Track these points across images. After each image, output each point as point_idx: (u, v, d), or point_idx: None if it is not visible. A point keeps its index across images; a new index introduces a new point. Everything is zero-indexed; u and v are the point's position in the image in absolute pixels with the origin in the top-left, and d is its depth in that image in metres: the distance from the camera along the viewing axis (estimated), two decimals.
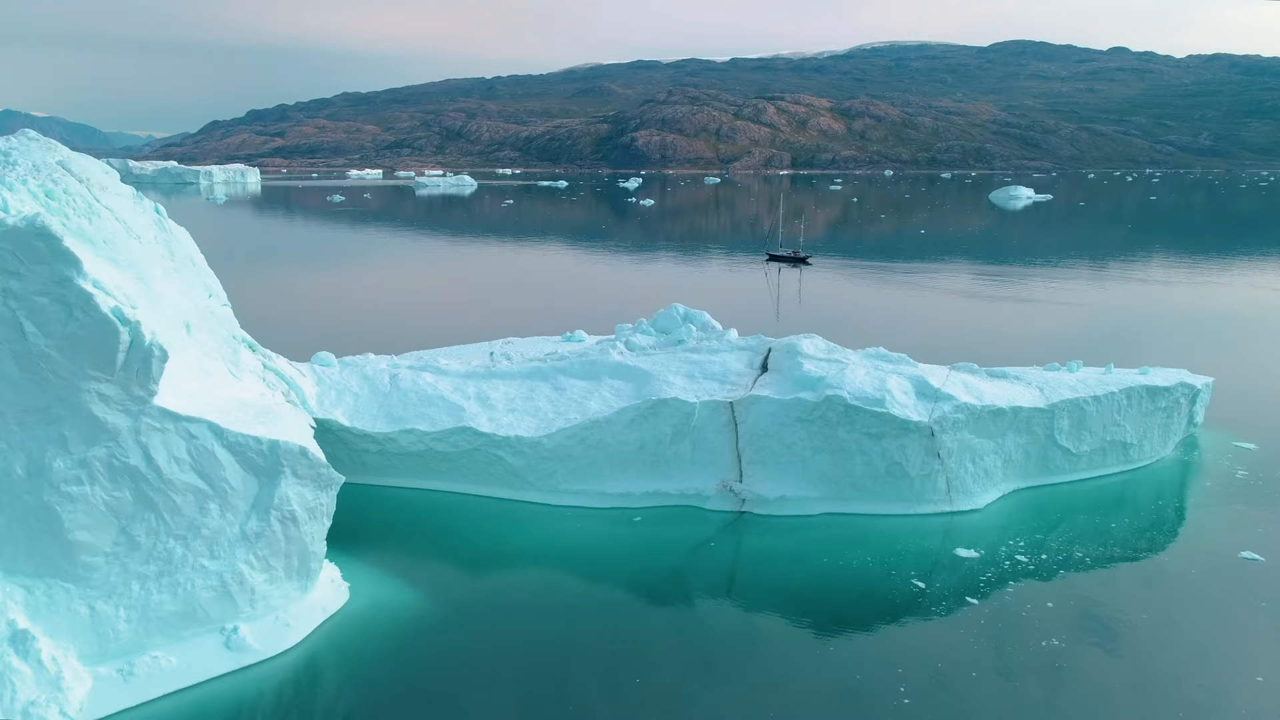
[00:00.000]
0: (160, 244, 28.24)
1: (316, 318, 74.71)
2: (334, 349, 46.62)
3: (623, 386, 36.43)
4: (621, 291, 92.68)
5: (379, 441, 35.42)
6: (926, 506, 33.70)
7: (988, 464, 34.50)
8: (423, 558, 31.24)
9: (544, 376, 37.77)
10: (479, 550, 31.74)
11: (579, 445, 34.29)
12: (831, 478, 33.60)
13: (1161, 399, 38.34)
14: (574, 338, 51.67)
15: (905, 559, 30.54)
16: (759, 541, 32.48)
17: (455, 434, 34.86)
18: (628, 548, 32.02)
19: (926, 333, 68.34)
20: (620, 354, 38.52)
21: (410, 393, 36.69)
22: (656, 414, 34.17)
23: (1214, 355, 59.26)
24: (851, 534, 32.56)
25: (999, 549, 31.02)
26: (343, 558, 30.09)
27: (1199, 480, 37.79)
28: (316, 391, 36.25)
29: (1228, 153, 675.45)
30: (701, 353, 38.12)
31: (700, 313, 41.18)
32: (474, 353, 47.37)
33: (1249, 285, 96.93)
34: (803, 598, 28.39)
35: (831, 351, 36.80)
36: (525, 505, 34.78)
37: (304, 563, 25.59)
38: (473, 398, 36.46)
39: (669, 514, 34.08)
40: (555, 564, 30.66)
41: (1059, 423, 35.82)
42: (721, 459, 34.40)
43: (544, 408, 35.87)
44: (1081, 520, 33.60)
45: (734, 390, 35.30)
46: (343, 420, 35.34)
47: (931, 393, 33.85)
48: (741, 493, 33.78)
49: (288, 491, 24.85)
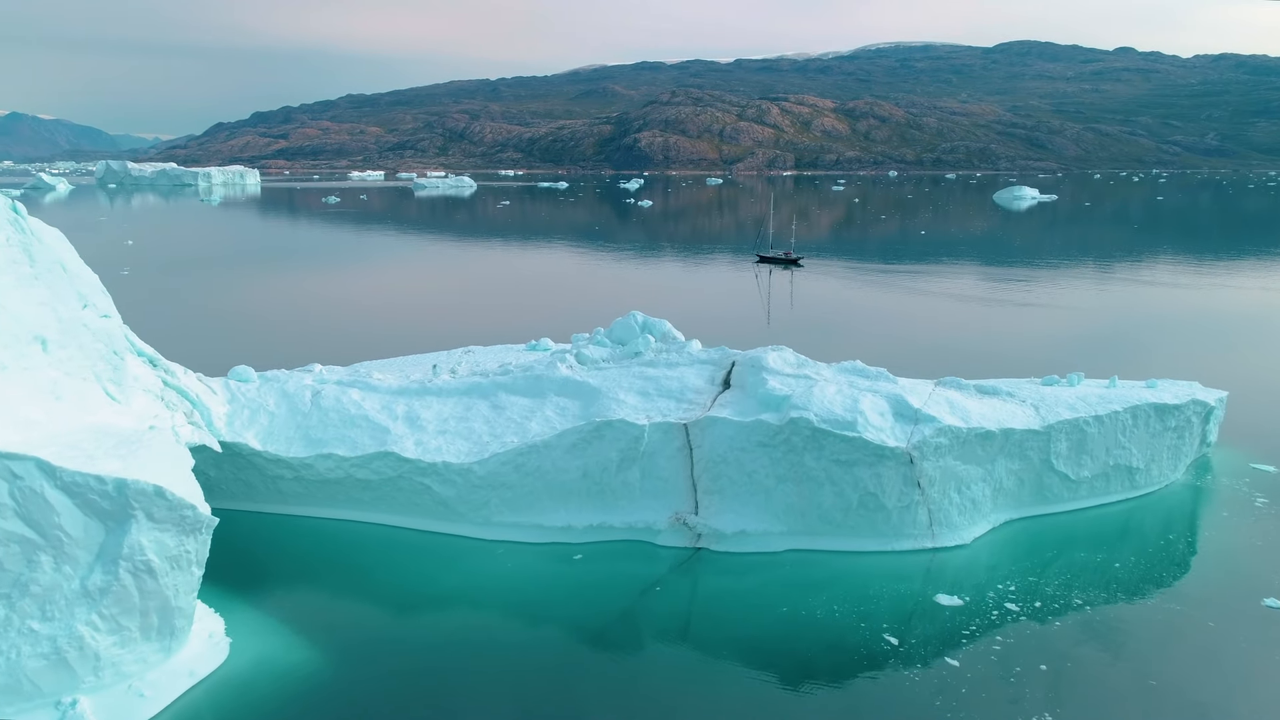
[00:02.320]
0: (16, 247, 24.51)
1: (265, 325, 70.46)
2: (279, 360, 43.11)
3: (569, 405, 32.63)
4: (599, 296, 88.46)
5: (294, 467, 31.69)
6: (905, 542, 29.82)
7: (975, 493, 30.62)
8: (333, 600, 27.53)
9: (483, 393, 33.98)
10: (399, 591, 28.01)
11: (514, 472, 30.49)
12: (797, 510, 29.74)
13: (1171, 418, 34.41)
14: (538, 346, 47.94)
15: (879, 605, 26.69)
16: (715, 582, 28.68)
17: (376, 459, 31.10)
18: (568, 588, 28.28)
19: (918, 340, 64.42)
20: (569, 368, 34.72)
21: (332, 412, 32.94)
22: (601, 437, 30.36)
23: (1227, 365, 55.27)
24: (819, 574, 28.72)
25: (985, 594, 27.13)
26: (237, 604, 26.42)
27: (1213, 510, 33.85)
28: (227, 411, 32.53)
29: (1234, 153, 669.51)
30: (659, 366, 34.29)
31: (660, 321, 37.37)
32: (420, 364, 43.71)
33: (1262, 289, 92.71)
34: (762, 647, 24.68)
35: (801, 366, 32.93)
36: (454, 539, 30.99)
37: (166, 620, 21.83)
38: (401, 418, 32.69)
39: (615, 550, 30.28)
40: (485, 607, 26.97)
41: (1056, 446, 31.92)
42: (674, 488, 30.57)
43: (479, 429, 32.07)
44: (1081, 557, 29.71)
45: (691, 410, 31.47)
46: (254, 443, 31.61)
47: (911, 413, 29.96)
48: (696, 527, 29.95)
49: (140, 539, 21.09)
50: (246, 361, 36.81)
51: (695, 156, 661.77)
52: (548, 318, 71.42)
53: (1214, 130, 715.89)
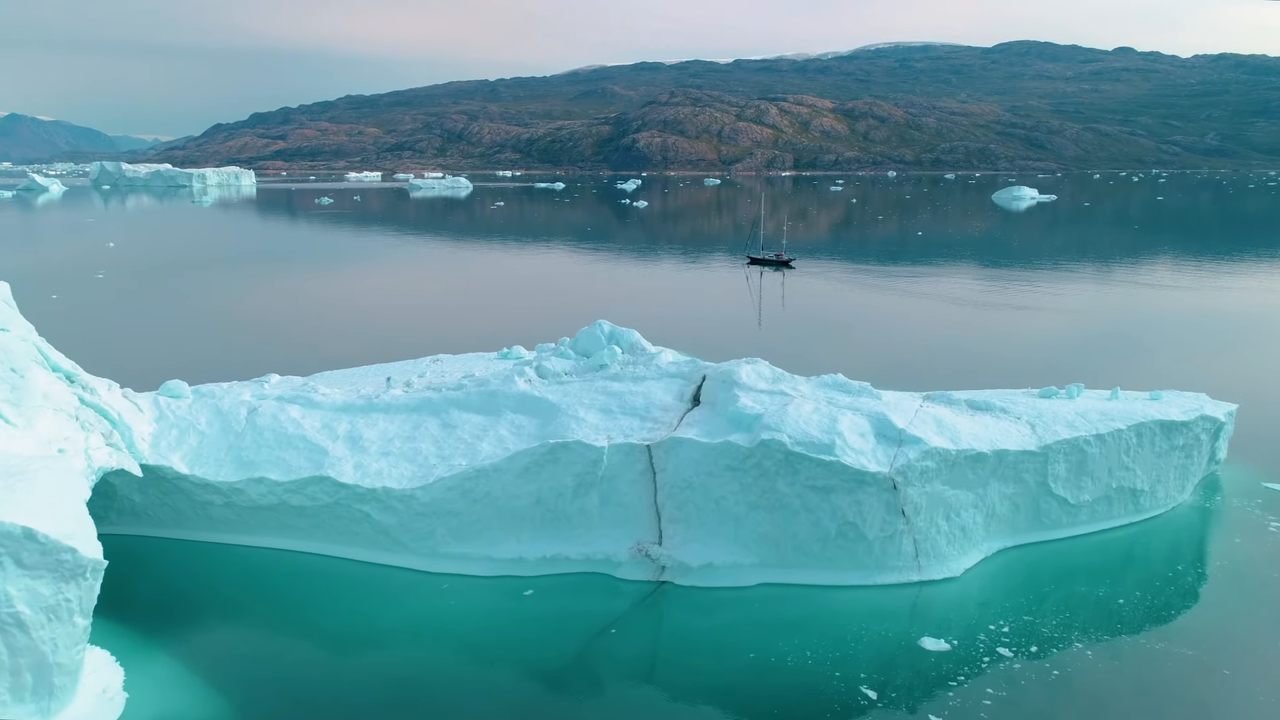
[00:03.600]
0: None
1: (228, 332, 67.20)
2: (238, 370, 40.64)
3: (525, 424, 30.00)
4: (581, 299, 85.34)
5: (223, 492, 29.08)
6: (888, 575, 27.19)
7: (965, 521, 27.99)
8: (258, 641, 24.97)
9: (434, 410, 31.35)
10: (333, 629, 25.44)
11: (461, 499, 27.86)
12: (770, 540, 27.11)
13: (1179, 436, 31.78)
14: (510, 354, 45.45)
15: (858, 648, 24.08)
16: (680, 619, 26.10)
17: (311, 484, 28.48)
18: (520, 626, 25.72)
19: (910, 346, 61.78)
20: (527, 383, 32.09)
21: (267, 432, 30.31)
22: (555, 460, 27.74)
23: (1234, 373, 52.66)
24: (793, 612, 26.10)
25: (975, 636, 24.48)
26: (146, 650, 23.87)
27: (1224, 534, 31.22)
28: (153, 431, 29.93)
29: (1234, 153, 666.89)
30: (624, 381, 31.66)
31: (629, 331, 34.76)
32: (382, 375, 41.13)
33: (1267, 291, 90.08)
34: (730, 694, 22.21)
35: (776, 381, 30.29)
36: (396, 572, 28.35)
37: (42, 679, 19.22)
38: (342, 438, 30.06)
39: (571, 584, 27.65)
40: (429, 646, 24.49)
41: (1054, 468, 29.29)
42: (636, 516, 27.94)
43: (426, 450, 29.44)
44: (1081, 591, 27.08)
45: (656, 429, 28.84)
46: (180, 466, 29.01)
47: (894, 434, 27.33)
48: (660, 558, 27.33)
49: (7, 588, 18.48)
50: (203, 372, 34.40)
51: (694, 157, 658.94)
52: (525, 323, 68.75)
53: (1214, 130, 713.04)
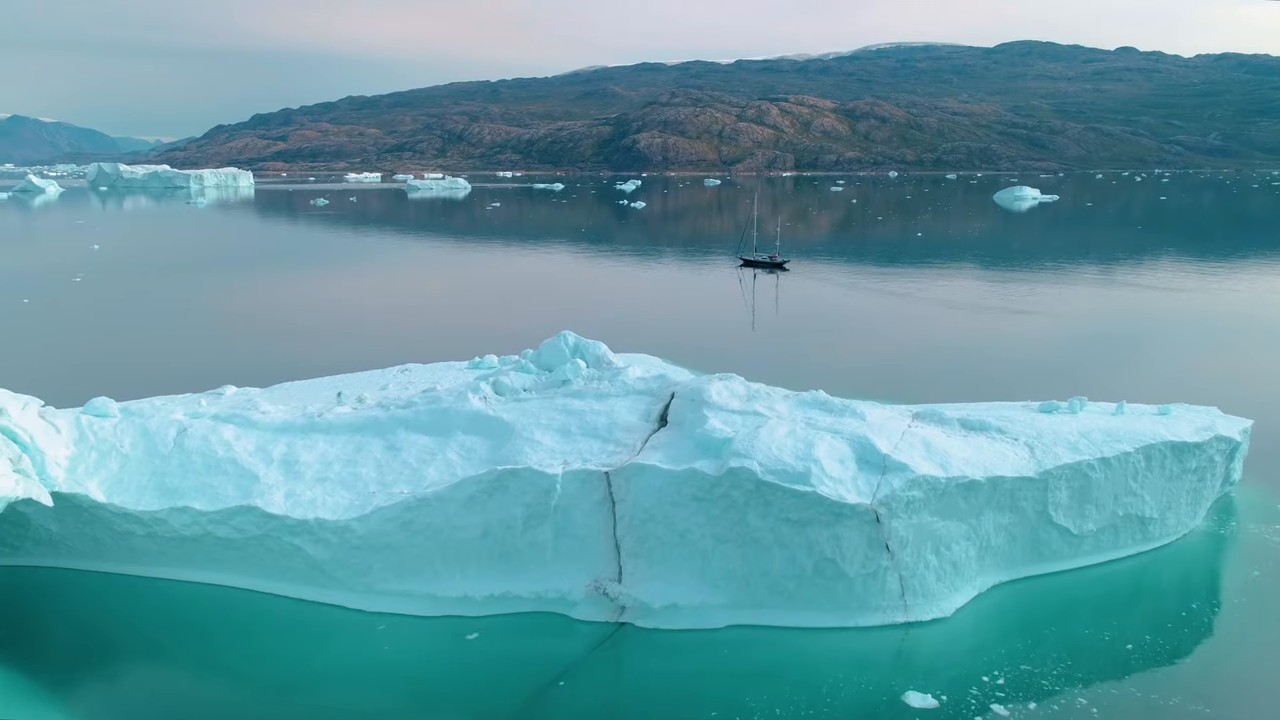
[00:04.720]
0: None
1: (191, 339, 63.90)
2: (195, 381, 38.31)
3: (476, 446, 27.45)
4: (566, 304, 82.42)
5: (145, 522, 26.54)
6: (871, 616, 24.61)
7: (957, 554, 25.41)
8: (182, 682, 22.67)
9: (379, 430, 28.80)
10: (261, 672, 23.05)
11: (401, 531, 25.31)
12: (740, 578, 24.54)
13: (1191, 458, 29.17)
14: (481, 364, 43.07)
15: (836, 700, 21.50)
16: (641, 664, 23.56)
17: (238, 514, 25.93)
18: (465, 671, 23.26)
19: (903, 353, 59.17)
20: (481, 400, 29.54)
21: (196, 455, 27.78)
22: (504, 488, 25.18)
23: (1246, 382, 49.96)
24: (765, 658, 23.52)
25: (967, 689, 21.88)
26: (58, 690, 21.62)
27: (1240, 564, 28.60)
28: (69, 454, 27.40)
29: (1237, 152, 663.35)
30: (586, 398, 29.09)
31: (595, 343, 32.21)
32: (343, 386, 38.68)
33: (1277, 294, 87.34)
34: None
35: (751, 399, 27.71)
36: (330, 610, 25.78)
37: None
38: (276, 462, 27.52)
39: (522, 625, 25.09)
40: (365, 692, 22.12)
41: (1055, 495, 26.69)
42: (593, 550, 25.36)
43: (367, 476, 26.90)
44: (1084, 633, 24.48)
45: (617, 453, 26.28)
46: (97, 494, 26.48)
47: (878, 460, 24.75)
48: (620, 597, 24.77)
49: None
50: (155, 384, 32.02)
51: (694, 157, 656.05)
52: (503, 329, 66.22)
53: (1216, 130, 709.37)
